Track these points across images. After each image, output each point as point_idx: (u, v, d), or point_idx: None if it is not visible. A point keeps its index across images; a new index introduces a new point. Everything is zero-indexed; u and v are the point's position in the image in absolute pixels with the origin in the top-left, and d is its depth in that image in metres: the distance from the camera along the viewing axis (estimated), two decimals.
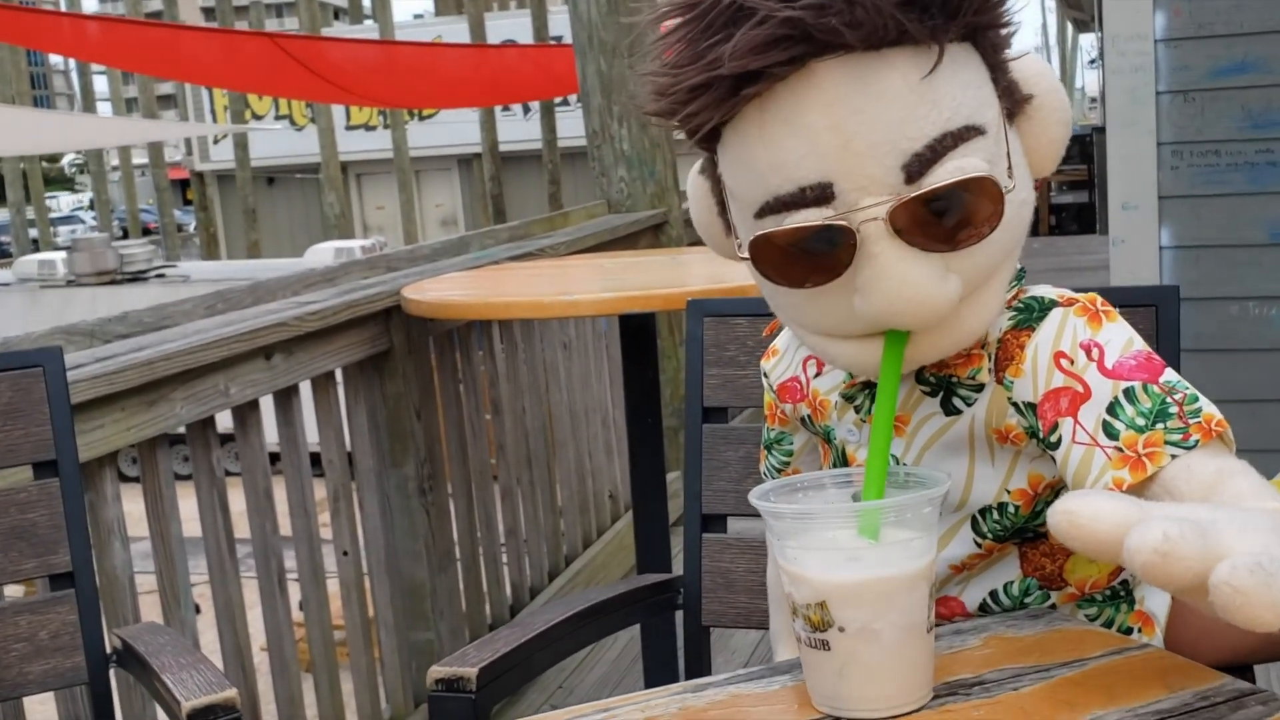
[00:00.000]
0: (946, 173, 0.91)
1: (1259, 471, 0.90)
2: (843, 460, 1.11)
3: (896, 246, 0.91)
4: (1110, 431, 0.93)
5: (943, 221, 0.92)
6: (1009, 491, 1.03)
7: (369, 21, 16.40)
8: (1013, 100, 0.98)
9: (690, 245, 4.29)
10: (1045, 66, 1.00)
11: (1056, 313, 0.99)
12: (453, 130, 16.63)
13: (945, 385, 1.03)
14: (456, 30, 14.35)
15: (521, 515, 3.35)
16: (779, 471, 1.22)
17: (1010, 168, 0.96)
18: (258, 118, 18.10)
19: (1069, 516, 0.77)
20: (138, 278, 10.76)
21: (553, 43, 12.13)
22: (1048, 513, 0.79)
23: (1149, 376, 0.94)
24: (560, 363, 3.59)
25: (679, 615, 1.51)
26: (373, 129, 17.83)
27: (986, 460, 1.03)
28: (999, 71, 0.97)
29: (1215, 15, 3.08)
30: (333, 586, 2.54)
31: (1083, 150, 15.20)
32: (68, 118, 19.13)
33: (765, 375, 1.19)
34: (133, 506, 2.04)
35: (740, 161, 0.96)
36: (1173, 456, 0.90)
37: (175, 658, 1.39)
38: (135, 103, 18.29)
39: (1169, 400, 0.92)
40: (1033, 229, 1.02)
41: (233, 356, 2.24)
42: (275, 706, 2.42)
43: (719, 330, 1.52)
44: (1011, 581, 1.07)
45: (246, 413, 2.33)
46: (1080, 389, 0.95)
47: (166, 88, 23.11)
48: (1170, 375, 0.94)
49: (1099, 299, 1.00)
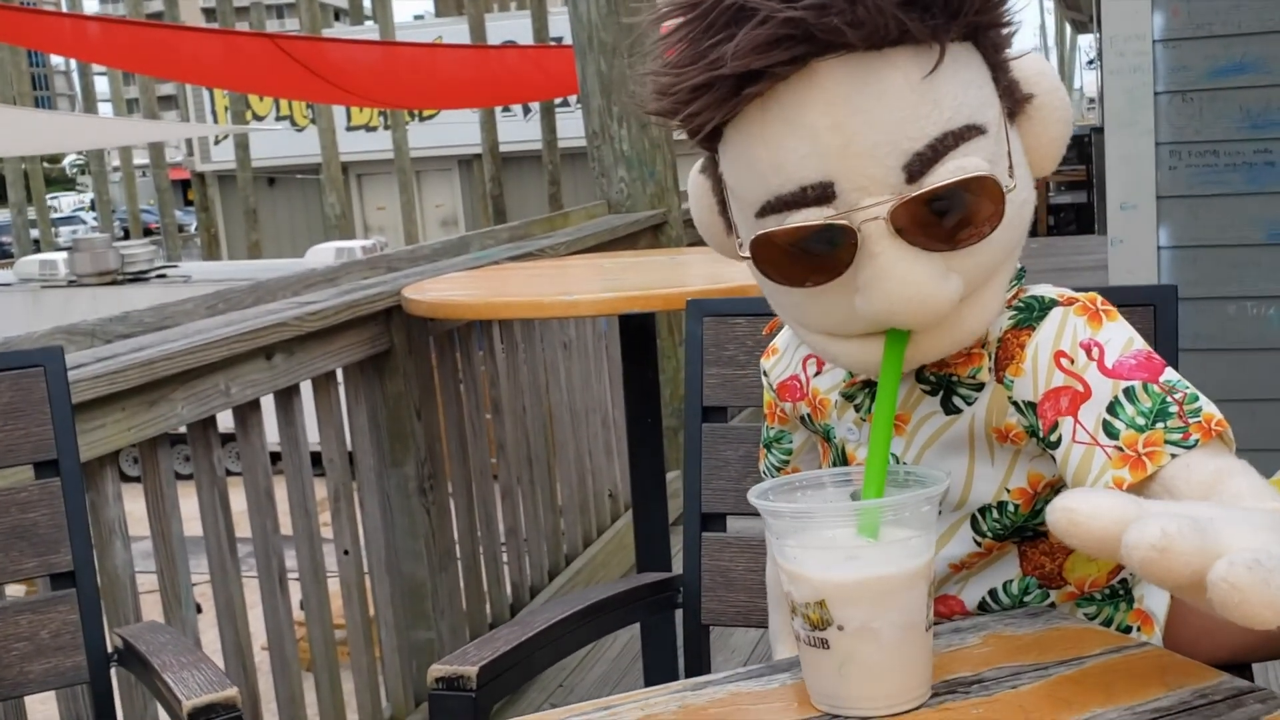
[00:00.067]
0: (947, 172, 0.91)
1: (1258, 470, 0.90)
2: (842, 459, 1.11)
3: (897, 246, 0.91)
4: (1110, 431, 0.93)
5: (944, 221, 0.92)
6: (1009, 490, 1.03)
7: (369, 22, 16.39)
8: (1013, 100, 0.98)
9: (690, 245, 4.29)
10: (1046, 66, 1.00)
11: (1057, 312, 0.99)
12: (453, 131, 16.62)
13: (945, 384, 1.03)
14: (457, 31, 14.35)
15: (522, 514, 3.35)
16: (778, 470, 1.22)
17: (1011, 167, 0.96)
18: (258, 118, 18.09)
19: (1068, 514, 0.77)
20: (139, 278, 10.76)
21: (553, 44, 12.13)
22: (1046, 510, 0.79)
23: (1149, 376, 0.94)
24: (560, 362, 3.59)
25: (679, 614, 1.51)
26: (373, 130, 17.83)
27: (986, 459, 1.03)
28: (1000, 71, 0.97)
29: (1214, 15, 3.08)
30: (333, 586, 2.54)
31: (1081, 150, 15.19)
32: (69, 118, 19.12)
33: (765, 374, 1.19)
34: (134, 506, 2.04)
35: (741, 161, 0.96)
36: (1172, 456, 0.90)
37: (176, 657, 1.39)
38: (136, 103, 18.28)
39: (1169, 400, 0.92)
40: (1031, 229, 1.02)
41: (234, 356, 2.24)
42: (276, 705, 2.42)
43: (718, 330, 1.52)
44: (1011, 580, 1.07)
45: (247, 412, 2.33)
46: (1080, 388, 0.95)
47: (167, 88, 23.11)
48: (1170, 374, 0.94)
49: (1099, 298, 1.00)
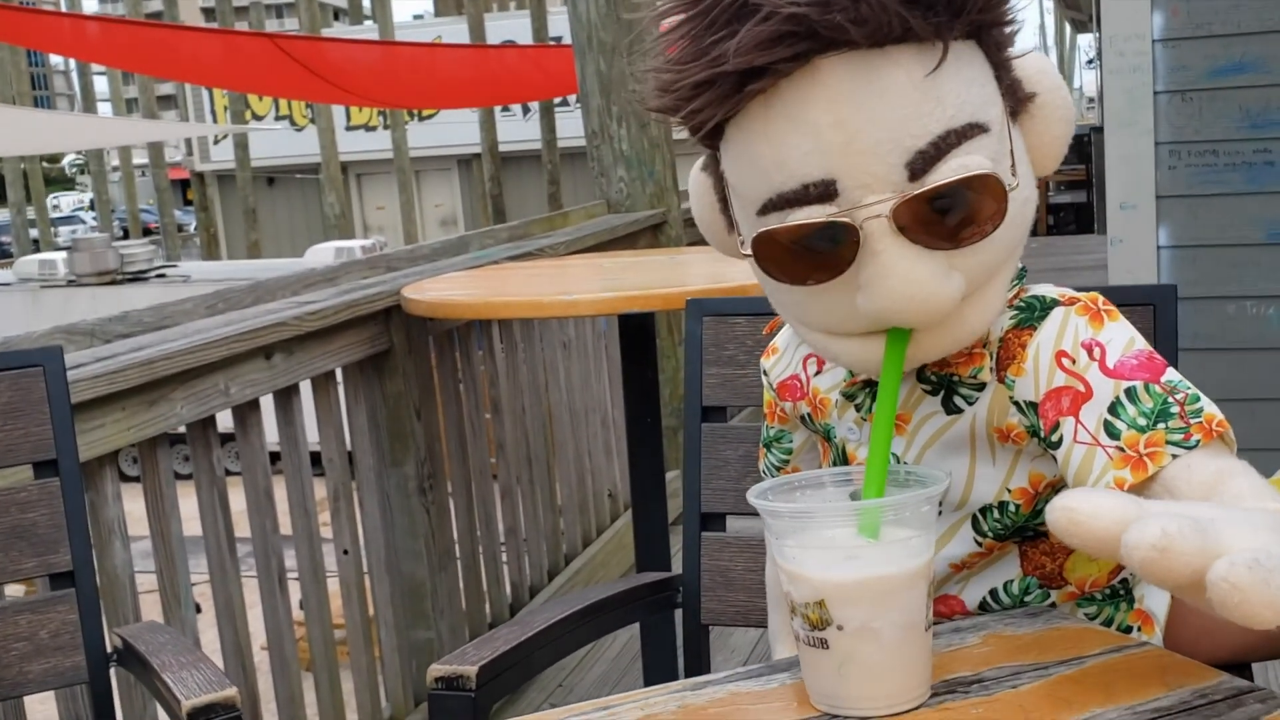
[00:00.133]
0: (950, 170, 0.91)
1: (1257, 470, 0.90)
2: (842, 459, 1.11)
3: (899, 244, 0.91)
4: (1112, 431, 0.93)
5: (946, 219, 0.92)
6: (1010, 490, 1.03)
7: (369, 22, 16.40)
8: (1016, 98, 0.98)
9: (689, 245, 4.29)
10: (1048, 65, 1.00)
11: (1058, 312, 0.99)
12: (452, 130, 16.63)
13: (946, 384, 1.03)
14: (456, 31, 14.35)
15: (521, 514, 3.35)
16: (778, 469, 1.22)
17: (1013, 166, 0.96)
18: (258, 118, 18.10)
19: (1068, 513, 0.77)
20: (138, 278, 10.76)
21: (552, 43, 12.13)
22: (1046, 509, 0.79)
23: (1150, 376, 0.94)
24: (560, 362, 3.59)
25: (678, 614, 1.51)
26: (373, 129, 17.83)
27: (987, 459, 1.03)
28: (1002, 69, 0.97)
29: (1213, 15, 3.08)
30: (333, 585, 2.54)
31: (1081, 150, 15.17)
32: (68, 118, 19.12)
33: (765, 373, 1.19)
34: (133, 506, 2.04)
35: (743, 158, 0.96)
36: (1173, 456, 0.90)
37: (175, 656, 1.39)
38: (135, 103, 18.29)
39: (1170, 400, 0.92)
40: (1030, 229, 1.02)
41: (233, 356, 2.24)
42: (275, 705, 2.42)
43: (718, 330, 1.52)
44: (1011, 580, 1.07)
45: (247, 412, 2.33)
46: (1082, 388, 0.95)
47: (167, 88, 23.10)
48: (1172, 375, 0.94)
49: (1100, 298, 1.00)
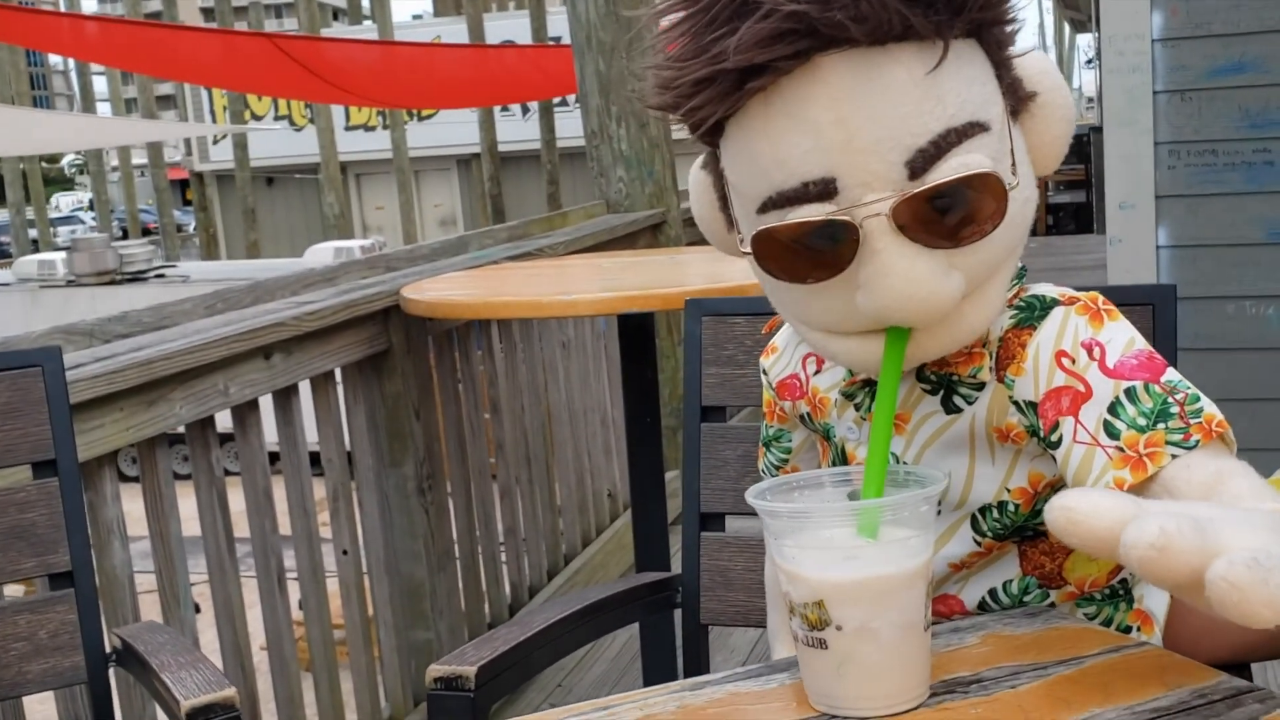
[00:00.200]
0: (950, 169, 0.91)
1: (1257, 470, 0.90)
2: (842, 458, 1.11)
3: (899, 243, 0.91)
4: (1111, 431, 0.92)
5: (946, 218, 0.91)
6: (1009, 490, 1.03)
7: (368, 22, 16.41)
8: (1016, 97, 0.98)
9: (689, 245, 4.29)
10: (1049, 64, 1.00)
11: (1058, 311, 0.99)
12: (452, 130, 16.64)
13: (946, 383, 1.03)
14: (455, 31, 14.36)
15: (520, 514, 3.35)
16: (777, 469, 1.22)
17: (1014, 165, 0.96)
18: (257, 118, 18.10)
19: (1067, 512, 0.77)
20: (137, 278, 10.76)
21: (551, 43, 12.13)
22: (1045, 508, 0.78)
23: (1150, 376, 0.94)
24: (559, 362, 3.59)
25: (678, 614, 1.51)
26: (372, 129, 17.84)
27: (987, 459, 1.03)
28: (1003, 68, 0.97)
29: (1213, 15, 3.08)
30: (332, 586, 2.54)
31: (1080, 150, 15.16)
32: (67, 118, 19.12)
33: (764, 372, 1.18)
34: (132, 506, 2.04)
35: (743, 156, 0.96)
36: (1173, 457, 0.90)
37: (174, 657, 1.39)
38: (135, 103, 18.29)
39: (1170, 400, 0.92)
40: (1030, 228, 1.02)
41: (232, 356, 2.24)
42: (275, 705, 2.42)
43: (717, 329, 1.52)
44: (1011, 580, 1.07)
45: (246, 412, 2.33)
46: (1081, 388, 0.95)
47: (166, 88, 23.10)
48: (1172, 375, 0.94)
49: (1100, 298, 1.00)
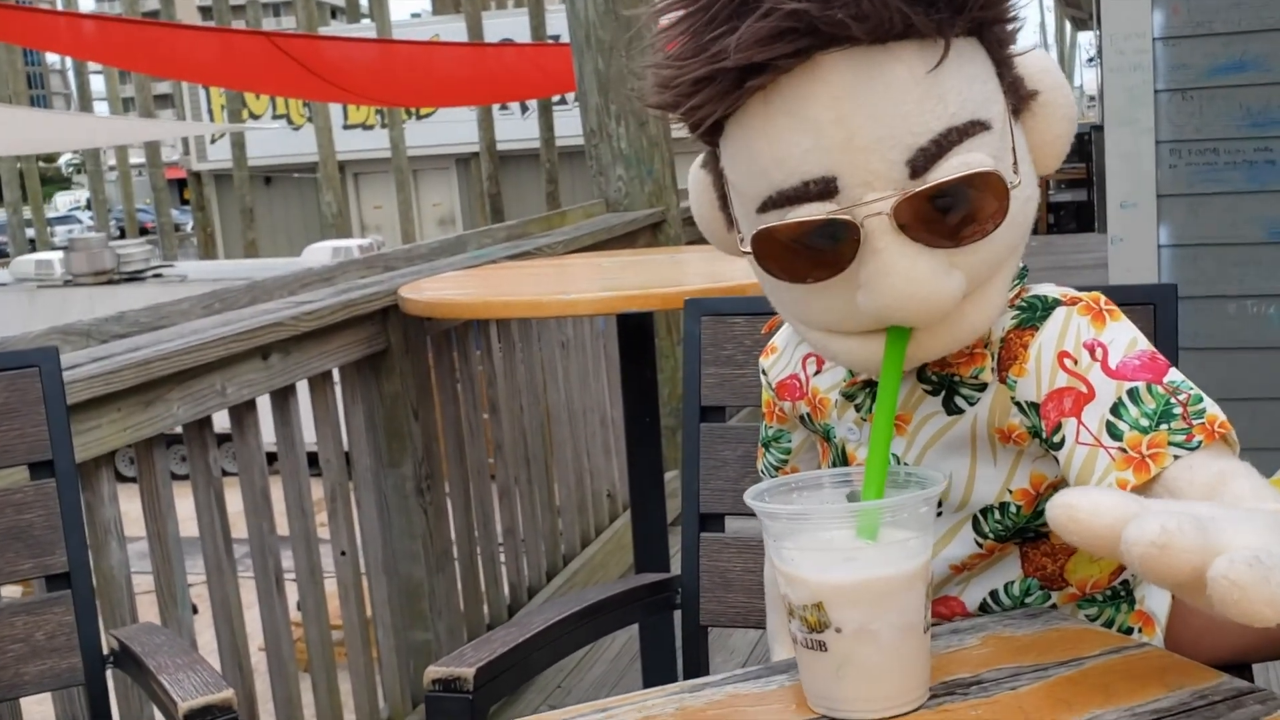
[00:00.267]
0: (951, 168, 0.90)
1: (1258, 470, 0.89)
2: (842, 459, 1.10)
3: (900, 242, 0.90)
4: (1114, 432, 0.92)
5: (947, 217, 0.91)
6: (1011, 491, 1.03)
7: (366, 20, 16.42)
8: (1018, 96, 0.98)
9: (688, 244, 4.29)
10: (1050, 63, 1.00)
11: (1060, 312, 0.99)
12: (450, 129, 16.65)
13: (947, 384, 1.02)
14: (454, 29, 14.37)
15: (519, 515, 3.34)
16: (777, 469, 1.21)
17: (1015, 164, 0.95)
18: (255, 117, 18.11)
19: (1068, 510, 0.77)
20: (135, 277, 10.77)
21: (550, 42, 12.13)
22: (1047, 507, 0.79)
23: (1153, 377, 0.93)
24: (558, 362, 3.58)
25: (677, 615, 1.51)
26: (370, 128, 17.85)
27: (988, 460, 1.03)
28: (1004, 67, 0.97)
29: (1214, 13, 3.07)
30: (330, 586, 2.53)
31: (1081, 148, 15.18)
32: (65, 117, 19.14)
33: (764, 372, 1.18)
34: (130, 506, 2.04)
35: (743, 155, 0.95)
36: (1175, 457, 0.89)
37: (172, 658, 1.38)
38: (132, 102, 18.27)
39: (1173, 401, 0.92)
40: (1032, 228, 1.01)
41: (230, 356, 2.23)
42: (273, 706, 2.42)
43: (716, 329, 1.52)
44: (1012, 581, 1.07)
45: (244, 413, 2.32)
46: (1084, 389, 0.95)
47: (163, 87, 23.10)
48: (1174, 375, 0.94)
49: (1102, 298, 0.99)
